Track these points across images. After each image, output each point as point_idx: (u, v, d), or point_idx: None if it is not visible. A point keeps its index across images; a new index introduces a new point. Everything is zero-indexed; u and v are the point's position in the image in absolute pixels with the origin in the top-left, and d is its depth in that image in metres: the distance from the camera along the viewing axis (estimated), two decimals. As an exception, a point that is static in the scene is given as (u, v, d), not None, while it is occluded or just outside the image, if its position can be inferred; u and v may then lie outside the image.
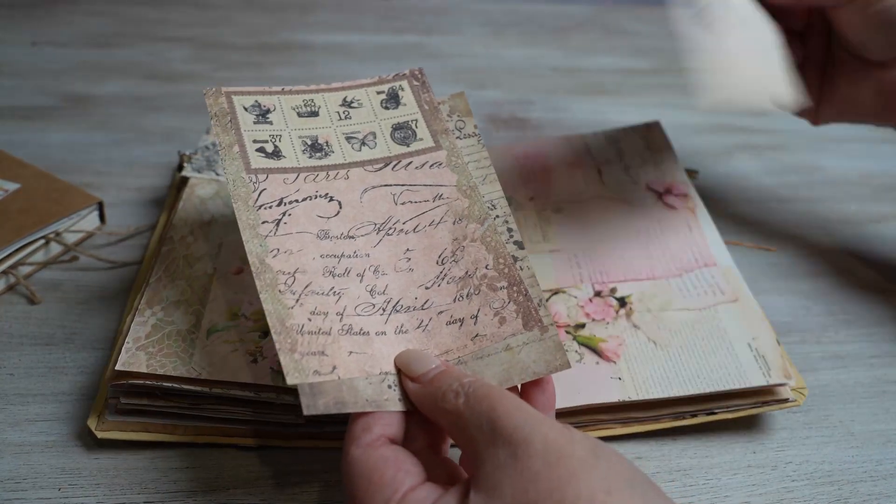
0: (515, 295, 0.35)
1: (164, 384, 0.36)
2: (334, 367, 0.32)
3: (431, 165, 0.39)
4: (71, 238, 0.48)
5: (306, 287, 0.34)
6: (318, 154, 0.39)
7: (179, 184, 0.51)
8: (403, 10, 0.92)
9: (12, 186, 0.49)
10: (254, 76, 0.74)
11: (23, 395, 0.39)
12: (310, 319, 0.33)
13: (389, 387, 0.32)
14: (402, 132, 0.40)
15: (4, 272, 0.45)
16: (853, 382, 0.44)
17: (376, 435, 0.30)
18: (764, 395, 0.39)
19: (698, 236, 0.47)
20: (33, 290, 0.45)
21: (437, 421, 0.31)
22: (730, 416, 0.39)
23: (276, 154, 0.39)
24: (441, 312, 0.35)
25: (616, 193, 0.51)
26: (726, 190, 0.60)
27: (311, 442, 0.37)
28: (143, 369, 0.36)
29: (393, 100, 0.42)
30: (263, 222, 0.36)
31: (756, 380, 0.39)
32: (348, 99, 0.42)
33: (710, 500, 0.37)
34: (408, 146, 0.40)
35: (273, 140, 0.39)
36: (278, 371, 0.37)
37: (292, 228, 0.36)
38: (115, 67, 0.73)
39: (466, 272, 0.36)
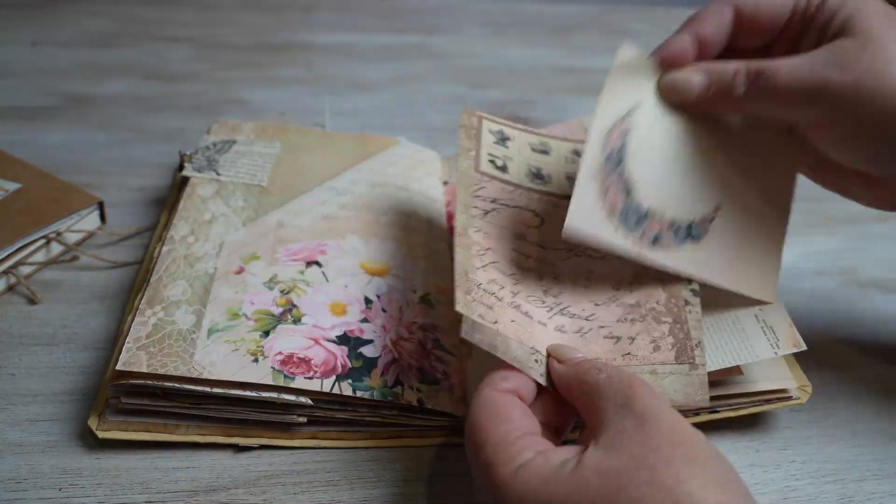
0: (676, 331, 0.37)
1: (165, 384, 0.36)
2: (496, 322, 0.35)
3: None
4: (71, 238, 0.48)
5: (492, 262, 0.39)
6: (539, 181, 0.44)
7: (180, 183, 0.51)
8: (404, 10, 0.92)
9: (13, 186, 0.49)
10: (254, 76, 0.73)
11: (23, 395, 0.39)
12: (488, 283, 0.37)
13: (536, 360, 0.34)
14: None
15: (5, 272, 0.45)
16: (857, 381, 0.44)
17: (511, 387, 0.33)
18: (767, 393, 0.39)
19: None
20: (34, 290, 0.45)
21: (571, 397, 0.33)
22: (732, 413, 0.38)
23: (503, 169, 0.44)
24: (602, 327, 0.37)
25: None
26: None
27: (314, 441, 0.37)
28: (144, 369, 0.36)
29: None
30: (475, 207, 0.41)
31: (765, 353, 0.37)
32: (579, 150, 0.46)
33: (714, 499, 0.36)
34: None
35: (504, 159, 0.44)
36: (279, 370, 0.37)
37: (497, 220, 0.41)
38: (116, 67, 0.73)
39: (637, 301, 0.38)
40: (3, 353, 0.41)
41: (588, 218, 0.36)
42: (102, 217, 0.51)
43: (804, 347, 0.37)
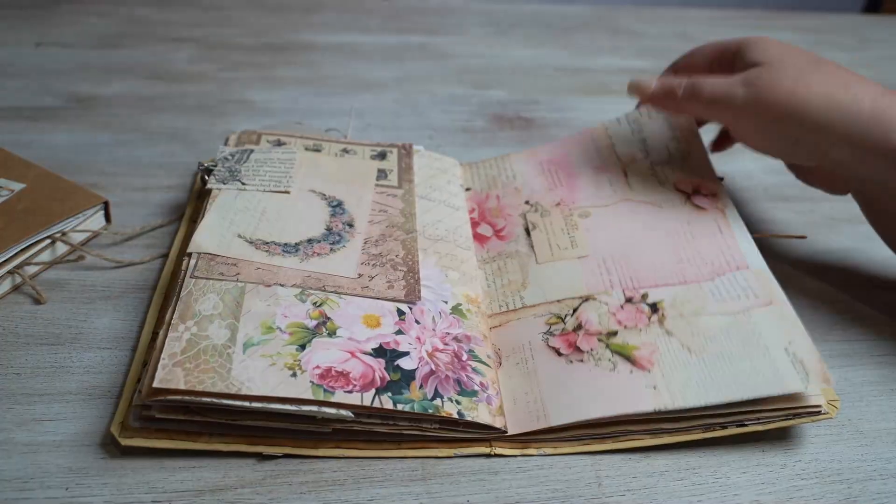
0: (409, 278, 0.44)
1: (204, 400, 0.35)
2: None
3: (389, 195, 0.52)
4: (77, 238, 0.48)
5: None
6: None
7: (199, 193, 0.51)
8: (407, 10, 0.92)
9: (18, 186, 0.49)
10: (258, 76, 0.74)
11: (29, 394, 0.39)
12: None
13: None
14: (381, 175, 0.54)
15: (10, 272, 0.45)
16: (861, 381, 0.44)
17: None
18: (795, 403, 0.38)
19: (729, 238, 0.46)
20: (39, 290, 0.45)
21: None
22: (760, 427, 0.38)
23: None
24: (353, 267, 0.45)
25: (643, 196, 0.51)
26: (730, 189, 0.60)
27: (338, 451, 0.37)
28: (182, 386, 0.35)
29: (380, 156, 0.56)
30: None
31: (794, 385, 0.38)
32: (347, 149, 0.56)
33: (720, 498, 0.37)
34: (380, 181, 0.53)
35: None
36: (318, 385, 0.37)
37: None
38: (120, 68, 0.73)
39: (381, 253, 0.46)
40: (8, 352, 0.41)
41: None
42: (107, 217, 0.51)
43: (833, 384, 0.38)
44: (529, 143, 0.65)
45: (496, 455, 0.38)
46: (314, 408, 0.36)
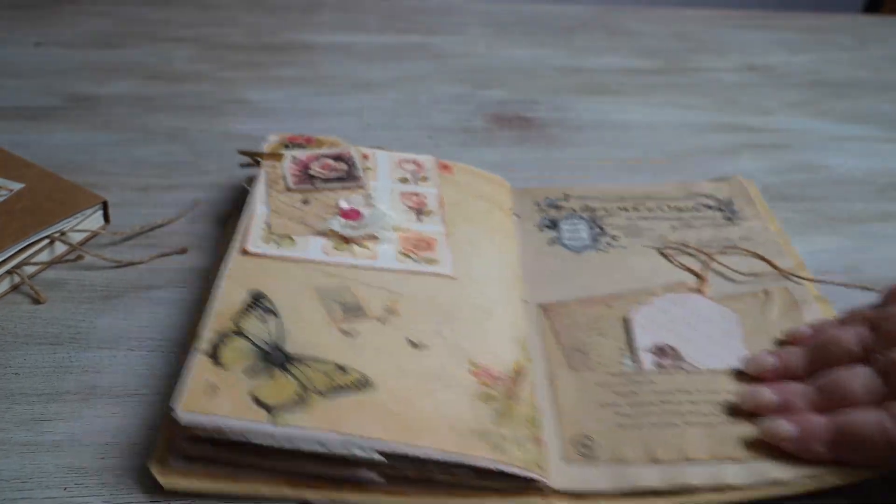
0: None
1: (231, 436, 0.34)
2: None
3: None
4: (75, 237, 0.48)
5: None
6: None
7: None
8: (406, 10, 0.92)
9: (17, 186, 0.49)
10: (257, 76, 0.74)
11: (28, 394, 0.39)
12: None
13: None
14: None
15: (9, 272, 0.45)
16: (860, 381, 0.44)
17: None
18: None
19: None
20: (38, 290, 0.45)
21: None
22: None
23: None
24: None
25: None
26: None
27: (387, 498, 0.35)
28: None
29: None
30: None
31: None
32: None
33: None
34: None
35: None
36: None
37: None
38: (119, 67, 0.73)
39: None
40: (7, 352, 0.41)
41: None
42: (106, 217, 0.51)
43: None
44: (529, 143, 0.65)
45: None
46: (344, 449, 0.34)
